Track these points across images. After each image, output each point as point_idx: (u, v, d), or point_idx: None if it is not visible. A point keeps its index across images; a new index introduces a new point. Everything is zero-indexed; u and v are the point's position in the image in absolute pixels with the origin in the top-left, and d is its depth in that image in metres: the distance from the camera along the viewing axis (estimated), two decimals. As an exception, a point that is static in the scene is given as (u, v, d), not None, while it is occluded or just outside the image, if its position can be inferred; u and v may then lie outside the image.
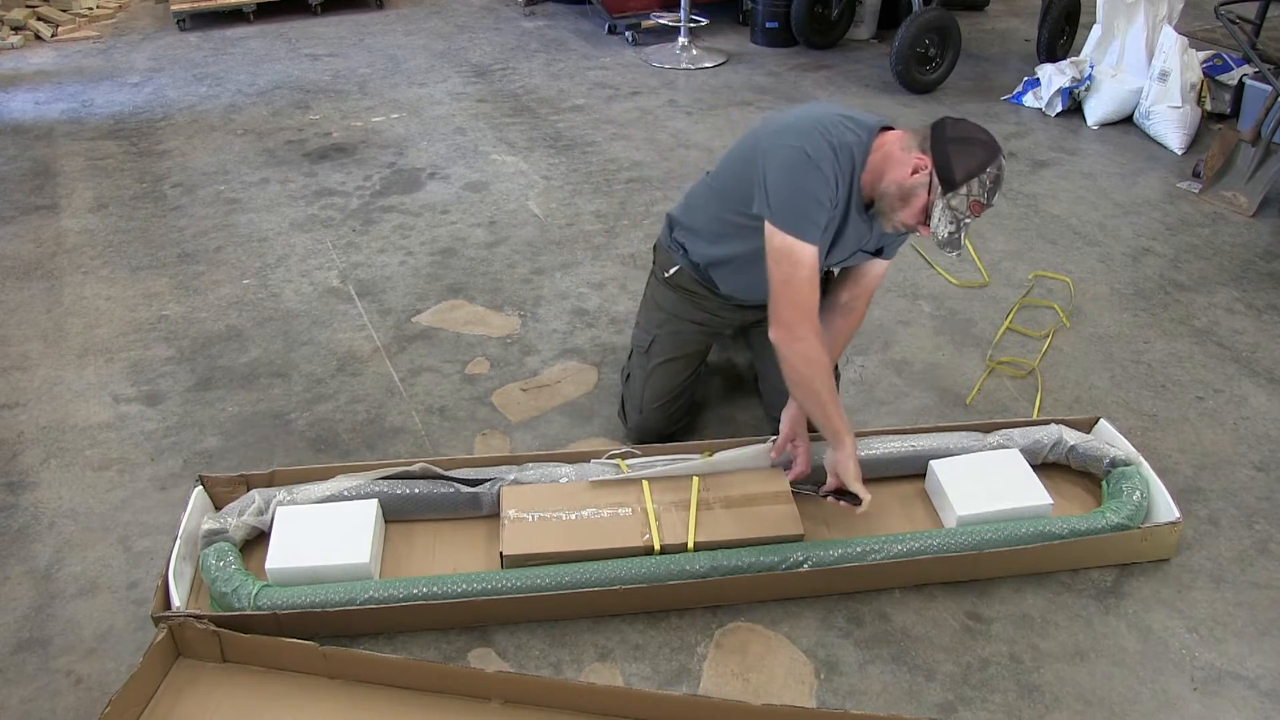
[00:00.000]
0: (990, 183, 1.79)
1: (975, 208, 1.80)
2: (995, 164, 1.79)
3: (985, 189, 1.79)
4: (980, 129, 1.83)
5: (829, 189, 1.83)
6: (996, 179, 1.79)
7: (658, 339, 2.29)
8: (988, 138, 1.81)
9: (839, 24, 5.19)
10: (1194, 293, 3.01)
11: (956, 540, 1.98)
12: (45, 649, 1.90)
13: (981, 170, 1.78)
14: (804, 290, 1.85)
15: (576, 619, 1.94)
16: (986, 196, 1.79)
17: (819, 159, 1.82)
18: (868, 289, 2.15)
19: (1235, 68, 4.26)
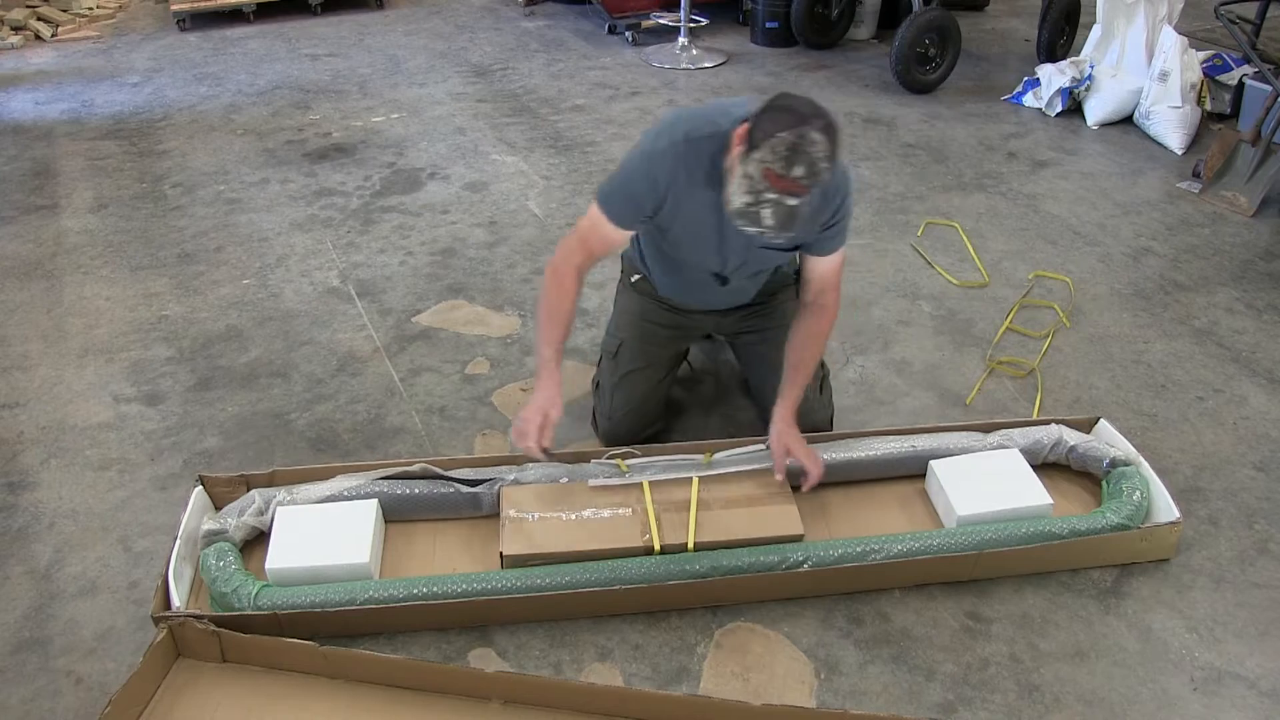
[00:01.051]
0: (784, 149, 1.64)
1: (769, 176, 1.66)
2: (795, 131, 1.64)
3: (777, 155, 1.65)
4: (809, 102, 1.70)
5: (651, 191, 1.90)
6: (792, 147, 1.64)
7: (625, 344, 2.29)
8: (807, 109, 1.68)
9: (839, 24, 5.18)
10: (1194, 293, 3.01)
11: (956, 540, 1.98)
12: (45, 649, 1.90)
13: (775, 133, 1.65)
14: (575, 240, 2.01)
15: (576, 619, 1.94)
16: (781, 165, 1.65)
17: (654, 159, 1.88)
18: (825, 285, 2.06)
19: (1235, 68, 4.26)
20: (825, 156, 1.67)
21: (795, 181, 1.67)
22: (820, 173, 1.67)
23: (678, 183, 1.89)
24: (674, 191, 1.90)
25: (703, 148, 1.86)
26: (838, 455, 2.17)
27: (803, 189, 1.68)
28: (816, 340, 2.09)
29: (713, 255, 2.06)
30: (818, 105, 1.72)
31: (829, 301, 2.09)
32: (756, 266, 2.11)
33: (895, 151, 3.99)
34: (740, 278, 2.13)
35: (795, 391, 2.07)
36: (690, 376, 2.62)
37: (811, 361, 2.09)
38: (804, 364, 2.07)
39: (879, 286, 3.06)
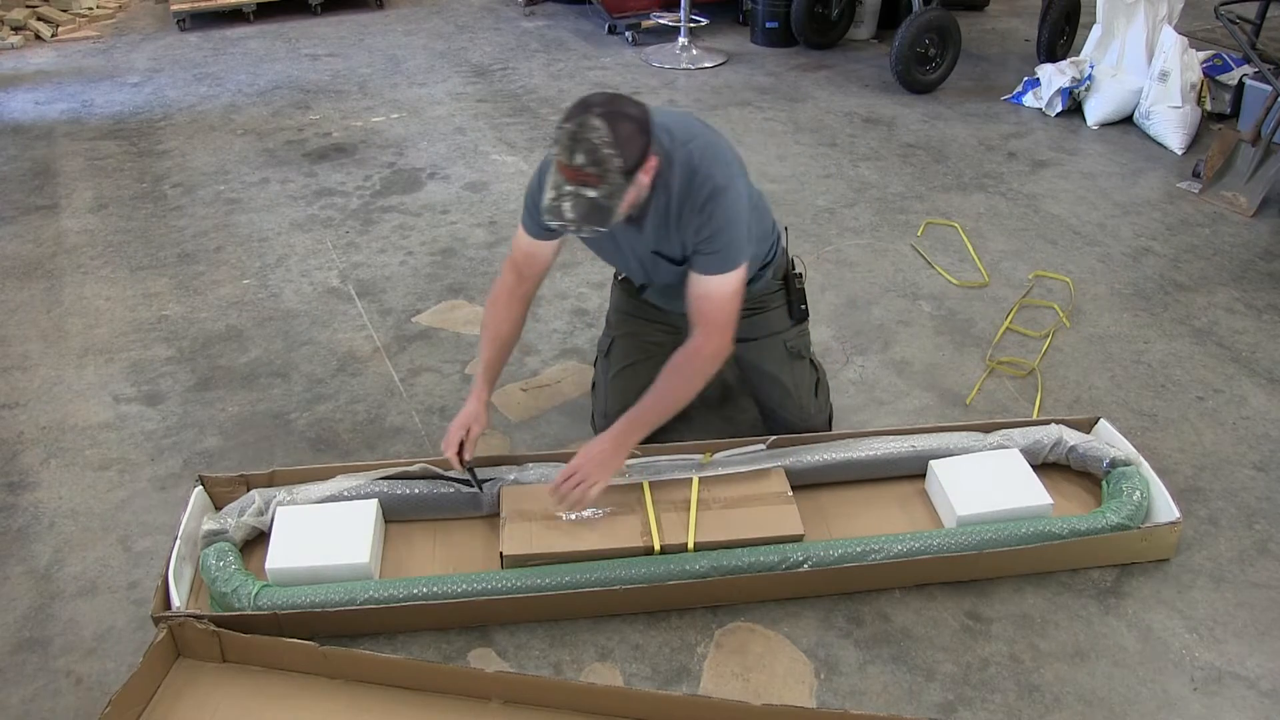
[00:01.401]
0: (566, 138, 1.66)
1: (560, 169, 1.68)
2: (576, 120, 1.66)
3: (560, 144, 1.67)
4: (608, 95, 1.72)
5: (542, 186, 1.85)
6: (572, 135, 1.65)
7: (616, 341, 2.29)
8: (598, 99, 1.70)
9: (839, 24, 5.19)
10: (1194, 293, 3.01)
11: (956, 540, 1.98)
12: (45, 649, 1.90)
13: (563, 121, 1.68)
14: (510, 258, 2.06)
15: (576, 619, 1.94)
16: (562, 153, 1.67)
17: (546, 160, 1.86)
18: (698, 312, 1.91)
19: (1235, 68, 4.26)
20: (608, 143, 1.65)
21: (580, 170, 1.66)
22: (605, 160, 1.66)
23: None
24: None
25: None
26: (838, 455, 2.17)
27: (592, 178, 1.66)
28: (674, 375, 1.90)
29: (620, 262, 2.07)
30: (617, 96, 1.73)
31: (698, 337, 1.89)
32: (663, 278, 2.06)
33: (895, 151, 3.99)
34: (660, 289, 2.12)
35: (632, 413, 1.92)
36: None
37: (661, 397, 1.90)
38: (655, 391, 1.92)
39: (879, 286, 3.06)
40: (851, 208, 3.54)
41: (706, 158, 1.86)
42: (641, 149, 1.72)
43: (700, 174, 1.84)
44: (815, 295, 2.98)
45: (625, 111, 1.71)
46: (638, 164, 1.72)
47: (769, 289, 2.23)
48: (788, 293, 2.22)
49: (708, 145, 1.88)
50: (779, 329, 2.21)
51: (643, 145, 1.72)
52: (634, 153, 1.70)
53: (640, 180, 1.75)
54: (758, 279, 2.17)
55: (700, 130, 1.91)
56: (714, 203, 1.85)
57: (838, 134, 4.15)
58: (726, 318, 1.91)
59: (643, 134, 1.72)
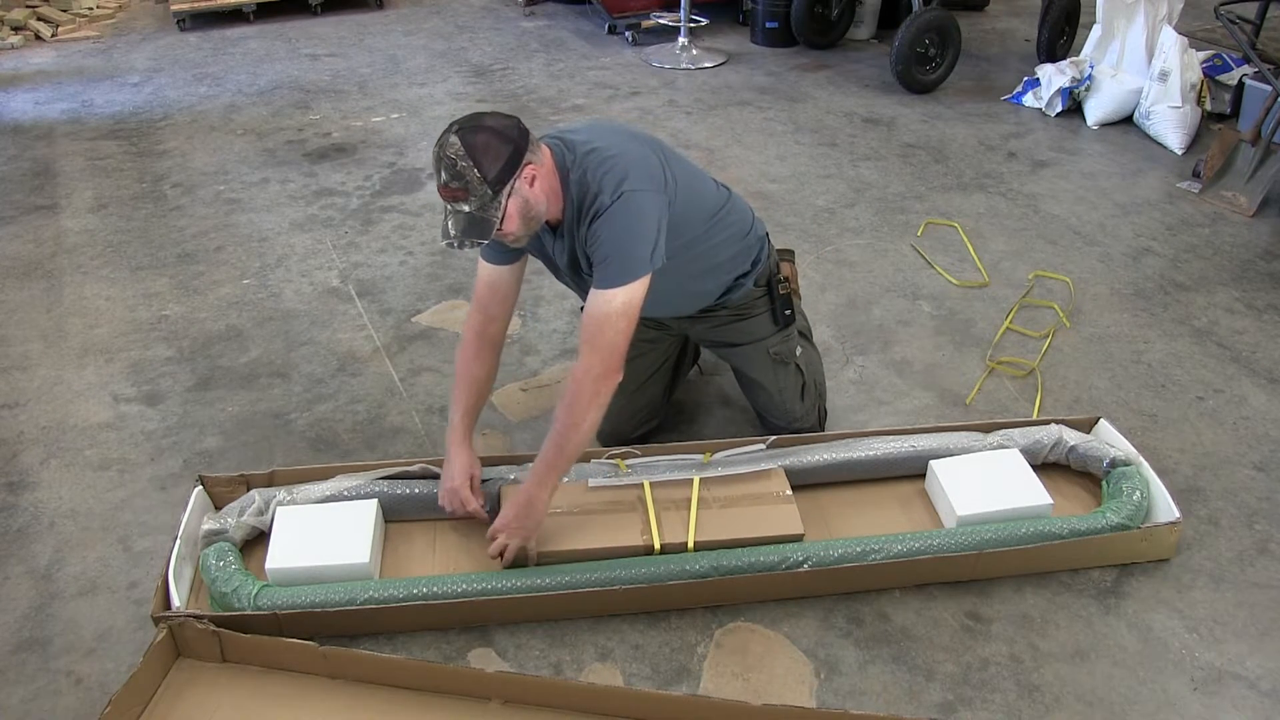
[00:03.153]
0: (434, 161, 1.76)
1: (439, 191, 1.76)
2: (438, 143, 1.74)
3: (434, 170, 1.77)
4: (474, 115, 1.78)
5: None
6: (436, 156, 1.74)
7: None
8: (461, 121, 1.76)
9: (839, 24, 5.18)
10: (1194, 293, 3.01)
11: (956, 540, 1.98)
12: (45, 649, 1.90)
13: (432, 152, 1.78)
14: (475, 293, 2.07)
15: (576, 619, 1.94)
16: (437, 175, 1.75)
17: None
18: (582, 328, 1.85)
19: (1235, 68, 4.26)
20: (463, 157, 1.70)
21: (448, 188, 1.73)
22: (461, 174, 1.71)
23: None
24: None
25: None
26: (838, 455, 2.17)
27: (460, 193, 1.72)
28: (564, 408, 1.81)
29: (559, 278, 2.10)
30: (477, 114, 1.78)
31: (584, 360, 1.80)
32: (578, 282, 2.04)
33: (895, 151, 3.99)
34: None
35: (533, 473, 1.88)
36: (696, 378, 2.62)
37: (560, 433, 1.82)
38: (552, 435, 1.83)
39: (879, 286, 3.06)
40: (851, 208, 3.54)
41: (601, 169, 1.81)
42: (506, 158, 1.72)
43: (591, 187, 1.82)
44: (815, 295, 2.98)
45: (484, 125, 1.74)
46: (504, 174, 1.72)
47: (751, 296, 2.18)
48: (771, 299, 2.21)
49: (608, 157, 1.82)
50: (762, 335, 2.20)
51: (507, 154, 1.72)
52: (495, 163, 1.71)
53: (520, 189, 1.75)
54: (736, 289, 2.14)
55: (611, 142, 1.86)
56: (601, 216, 1.79)
57: (838, 134, 4.15)
58: (609, 338, 1.78)
59: (506, 143, 1.72)
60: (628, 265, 1.78)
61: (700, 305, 2.17)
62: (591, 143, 1.86)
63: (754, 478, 2.13)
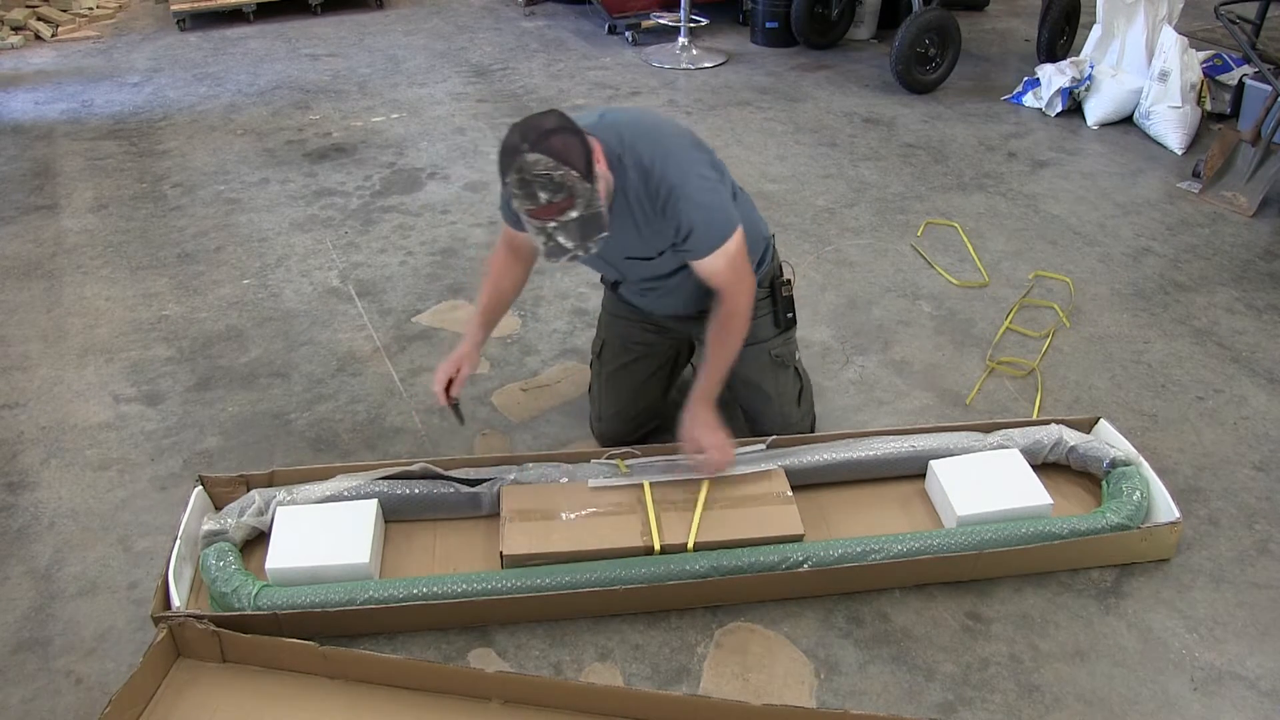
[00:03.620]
0: (519, 189, 1.67)
1: (533, 215, 1.69)
2: (514, 167, 1.66)
3: (520, 197, 1.68)
4: (517, 129, 1.69)
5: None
6: (521, 182, 1.66)
7: (607, 343, 2.29)
8: (515, 139, 1.68)
9: (839, 24, 5.18)
10: (1194, 293, 3.01)
11: (956, 540, 1.98)
12: (45, 649, 1.90)
13: (505, 178, 1.69)
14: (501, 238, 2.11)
15: (576, 619, 1.94)
16: (529, 200, 1.67)
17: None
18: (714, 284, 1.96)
19: (1235, 68, 4.26)
20: (555, 166, 1.64)
21: (551, 204, 1.66)
22: (562, 182, 1.65)
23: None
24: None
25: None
26: (838, 455, 2.17)
27: (565, 202, 1.66)
28: (720, 336, 1.99)
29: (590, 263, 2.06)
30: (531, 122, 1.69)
31: (727, 301, 1.97)
32: (637, 274, 2.07)
33: (895, 151, 3.99)
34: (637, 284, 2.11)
35: (706, 380, 2.01)
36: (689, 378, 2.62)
37: (722, 354, 2.00)
38: (714, 357, 2.00)
39: (879, 286, 3.06)
40: (851, 208, 3.54)
41: (656, 155, 1.83)
42: (581, 148, 1.69)
43: (654, 174, 1.82)
44: (815, 295, 2.98)
45: (546, 128, 1.68)
46: (589, 162, 1.70)
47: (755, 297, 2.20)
48: (774, 301, 2.21)
49: (655, 141, 1.85)
50: (763, 337, 2.19)
51: (580, 144, 1.69)
52: (579, 157, 1.68)
53: (599, 172, 1.74)
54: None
55: (649, 125, 1.89)
56: (675, 200, 1.83)
57: (838, 134, 4.15)
58: (739, 273, 1.94)
59: (573, 134, 1.70)
60: (724, 222, 1.88)
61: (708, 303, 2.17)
62: (635, 129, 1.86)
63: (754, 478, 2.13)
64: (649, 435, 2.36)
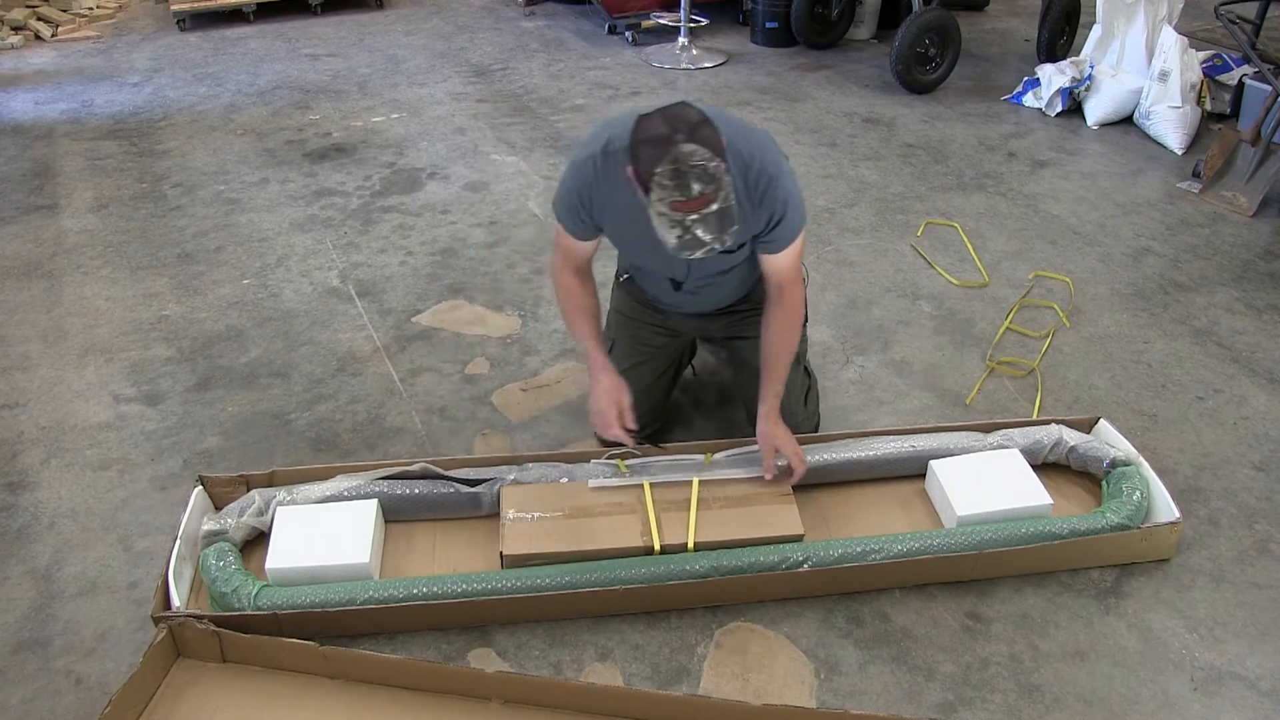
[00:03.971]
0: (670, 179, 1.64)
1: (678, 207, 1.65)
2: (668, 158, 1.63)
3: (669, 188, 1.64)
4: (662, 120, 1.68)
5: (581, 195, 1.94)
6: (675, 173, 1.63)
7: (618, 342, 2.29)
8: (664, 129, 1.66)
9: (839, 24, 5.18)
10: (1194, 293, 3.01)
11: (956, 540, 1.98)
12: (45, 649, 1.90)
13: (654, 169, 1.65)
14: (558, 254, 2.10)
15: (576, 619, 1.94)
16: (678, 192, 1.64)
17: (578, 167, 1.93)
18: (782, 280, 2.02)
19: (1235, 68, 4.26)
20: (709, 158, 1.65)
21: (700, 197, 1.65)
22: (714, 174, 1.66)
23: (600, 194, 1.91)
24: (599, 202, 1.93)
25: (621, 159, 1.83)
26: (838, 455, 2.17)
27: (711, 194, 1.67)
28: (784, 334, 2.05)
29: (659, 261, 2.05)
30: (675, 113, 1.69)
31: (789, 297, 2.04)
32: (707, 270, 2.08)
33: (895, 151, 3.99)
34: (696, 281, 2.11)
35: (774, 388, 2.06)
36: (693, 379, 2.62)
37: (784, 357, 2.06)
38: (778, 359, 2.05)
39: (879, 286, 3.06)
40: (851, 208, 3.54)
41: (754, 147, 1.87)
42: (719, 138, 1.70)
43: (754, 165, 1.85)
44: (815, 295, 2.98)
45: (693, 119, 1.69)
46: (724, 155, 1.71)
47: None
48: None
49: (748, 135, 1.90)
50: None
51: (718, 135, 1.70)
52: (720, 147, 1.69)
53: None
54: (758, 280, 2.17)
55: (735, 119, 1.92)
56: (772, 190, 1.88)
57: (838, 134, 4.15)
58: (798, 271, 2.05)
59: (711, 125, 1.70)
60: (800, 219, 1.96)
61: (739, 296, 2.22)
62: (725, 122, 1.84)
63: (754, 478, 2.13)
64: (650, 436, 2.36)
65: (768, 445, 2.06)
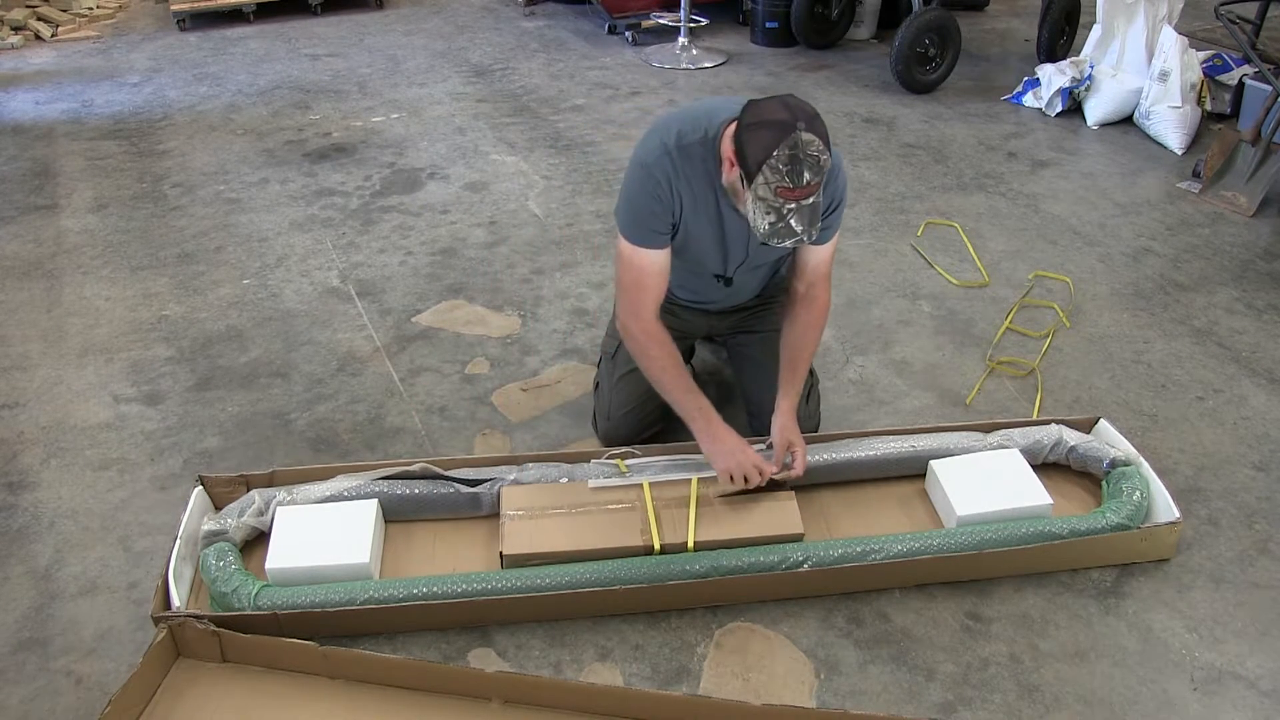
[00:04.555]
0: (785, 164, 1.65)
1: (784, 194, 1.68)
2: (786, 143, 1.65)
3: (781, 173, 1.66)
4: (781, 106, 1.70)
5: (662, 196, 1.89)
6: (791, 159, 1.65)
7: (623, 346, 2.29)
8: (784, 115, 1.68)
9: (839, 24, 5.19)
10: (1194, 293, 3.01)
11: (956, 540, 1.98)
12: (45, 649, 1.90)
13: (769, 154, 1.66)
14: (630, 290, 1.99)
15: (576, 619, 1.94)
16: (789, 179, 1.66)
17: (651, 166, 1.89)
18: (816, 276, 2.06)
19: (1235, 68, 4.26)
20: (823, 150, 1.69)
21: (809, 186, 1.69)
22: (824, 166, 1.70)
23: (679, 186, 1.91)
24: (678, 194, 1.92)
25: (694, 151, 1.87)
26: (838, 455, 2.17)
27: (815, 185, 1.70)
28: (810, 333, 2.08)
29: (715, 256, 2.07)
30: (791, 103, 1.72)
31: (819, 294, 2.07)
32: (759, 260, 2.11)
33: (895, 151, 3.99)
34: (742, 274, 2.14)
35: (795, 386, 2.08)
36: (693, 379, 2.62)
37: (808, 355, 2.09)
38: (801, 358, 2.08)
39: (879, 286, 3.06)
40: (851, 208, 3.54)
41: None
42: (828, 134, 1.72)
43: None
44: (815, 295, 2.98)
45: (809, 110, 1.71)
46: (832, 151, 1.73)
47: (780, 285, 2.24)
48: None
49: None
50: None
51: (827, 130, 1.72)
52: (829, 142, 1.71)
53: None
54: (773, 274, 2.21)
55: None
56: (835, 176, 1.90)
57: (838, 134, 4.15)
58: (830, 270, 2.09)
59: (821, 120, 1.72)
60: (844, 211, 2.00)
61: (755, 293, 2.23)
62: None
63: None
64: (652, 437, 2.36)
65: (783, 441, 2.06)
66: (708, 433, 1.99)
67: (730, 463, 1.97)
